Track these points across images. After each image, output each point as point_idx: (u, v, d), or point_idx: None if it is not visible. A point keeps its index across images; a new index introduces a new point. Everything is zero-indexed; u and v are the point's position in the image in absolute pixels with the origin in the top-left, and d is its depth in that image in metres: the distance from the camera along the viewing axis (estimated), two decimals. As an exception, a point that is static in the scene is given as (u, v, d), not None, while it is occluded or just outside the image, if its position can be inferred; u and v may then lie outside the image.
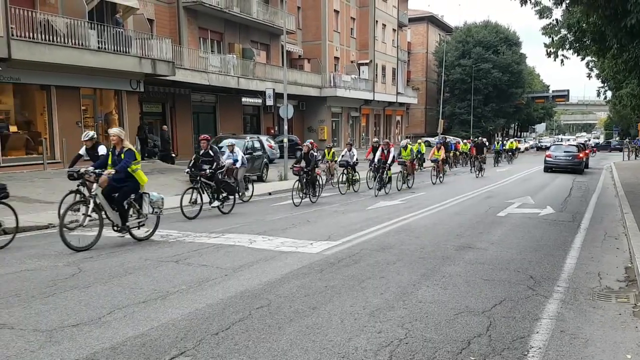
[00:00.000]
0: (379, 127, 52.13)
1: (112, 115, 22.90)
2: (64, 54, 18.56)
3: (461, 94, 58.47)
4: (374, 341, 4.72)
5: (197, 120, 29.49)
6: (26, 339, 4.65)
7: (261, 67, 32.51)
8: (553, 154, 29.25)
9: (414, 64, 62.51)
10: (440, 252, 8.49)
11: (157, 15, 26.24)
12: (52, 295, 5.94)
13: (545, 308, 5.75)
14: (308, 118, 40.94)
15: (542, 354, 4.55)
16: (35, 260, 7.66)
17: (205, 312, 5.43)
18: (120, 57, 20.86)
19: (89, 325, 5.00)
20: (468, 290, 6.32)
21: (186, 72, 25.75)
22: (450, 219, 12.08)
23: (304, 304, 5.71)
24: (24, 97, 19.75)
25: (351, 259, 7.90)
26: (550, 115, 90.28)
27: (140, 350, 4.46)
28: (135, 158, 8.95)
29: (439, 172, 22.44)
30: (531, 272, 7.28)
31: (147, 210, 9.26)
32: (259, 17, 32.18)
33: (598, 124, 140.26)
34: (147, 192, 9.36)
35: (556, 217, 12.61)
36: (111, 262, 7.57)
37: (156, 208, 9.38)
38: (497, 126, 63.88)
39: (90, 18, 20.61)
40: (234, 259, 7.79)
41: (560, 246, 9.13)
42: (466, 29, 61.13)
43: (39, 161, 19.08)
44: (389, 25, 50.97)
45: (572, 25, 14.03)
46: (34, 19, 17.99)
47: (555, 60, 15.13)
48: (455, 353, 4.50)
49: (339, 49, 43.52)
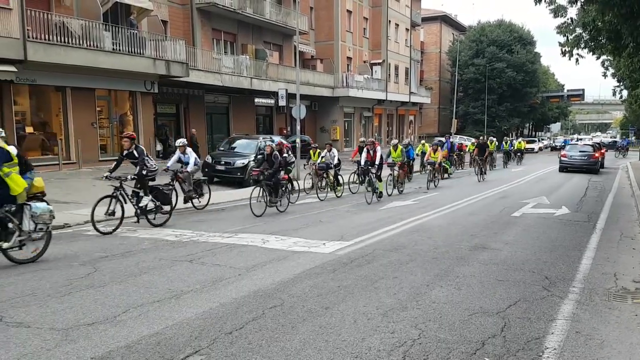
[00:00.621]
0: (391, 127, 51.97)
1: (127, 116, 23.09)
2: (79, 55, 18.74)
3: (475, 93, 58.07)
4: (387, 341, 4.71)
5: (211, 120, 29.62)
6: (42, 338, 4.71)
7: (274, 67, 32.56)
8: (568, 153, 28.98)
9: (427, 63, 62.23)
10: (454, 252, 8.45)
11: (171, 16, 26.40)
12: (67, 294, 6.00)
13: (560, 309, 5.70)
14: (320, 118, 40.93)
15: (557, 355, 4.51)
16: (51, 259, 7.75)
17: (219, 311, 5.46)
18: (134, 58, 21.02)
19: (104, 324, 5.05)
20: (482, 291, 6.28)
21: (200, 73, 25.87)
22: (464, 219, 12.01)
23: (317, 304, 5.72)
24: (40, 98, 19.97)
25: (364, 259, 7.89)
26: (565, 114, 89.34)
27: (155, 348, 4.49)
28: (10, 159, 7.21)
29: (436, 176, 20.30)
30: (546, 272, 7.22)
31: (28, 227, 7.34)
32: (271, 17, 32.24)
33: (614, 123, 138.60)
34: (29, 203, 7.46)
35: (571, 217, 12.50)
36: (126, 262, 7.64)
37: (41, 223, 7.48)
38: (512, 126, 63.35)
39: (105, 20, 20.77)
40: (247, 259, 7.82)
41: (575, 246, 9.05)
42: (480, 28, 60.70)
43: (55, 162, 19.28)
44: (402, 24, 50.80)
45: (588, 24, 13.88)
46: (49, 20, 18.19)
47: (570, 59, 14.99)
48: (469, 354, 4.48)
49: (351, 49, 43.45)
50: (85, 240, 9.35)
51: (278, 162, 13.05)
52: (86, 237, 9.63)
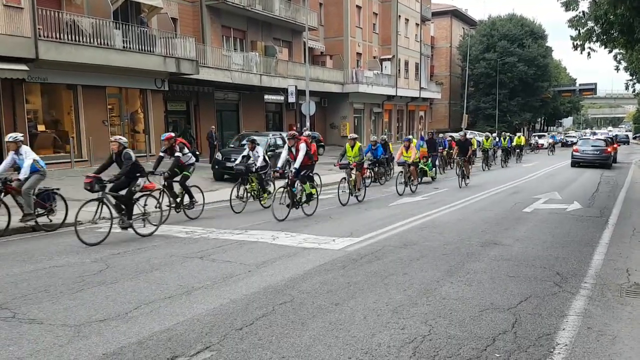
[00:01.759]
0: (401, 122, 51.81)
1: (137, 114, 23.23)
2: (90, 53, 18.86)
3: (486, 88, 57.68)
4: (397, 337, 4.71)
5: (221, 118, 29.69)
6: (55, 334, 4.76)
7: (283, 64, 32.57)
8: (580, 148, 28.77)
9: (437, 58, 61.90)
10: (465, 248, 8.42)
11: (181, 14, 26.47)
12: (80, 290, 6.06)
13: (571, 305, 5.67)
14: (330, 114, 40.89)
15: (568, 350, 4.49)
16: (64, 256, 7.82)
17: (229, 307, 5.48)
18: (145, 56, 21.12)
19: (116, 320, 5.09)
20: (493, 287, 6.26)
21: (209, 70, 25.94)
22: (474, 215, 11.96)
23: (327, 300, 5.72)
24: (51, 96, 20.13)
25: (374, 255, 7.89)
26: (577, 109, 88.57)
27: (166, 344, 4.53)
28: None
29: (411, 179, 16.32)
30: (558, 268, 7.18)
31: None
32: (281, 14, 32.23)
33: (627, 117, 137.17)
34: None
35: (583, 212, 12.40)
36: (137, 258, 7.69)
37: None
38: (523, 120, 62.85)
39: (115, 18, 20.88)
40: (257, 255, 7.84)
41: (587, 242, 8.98)
42: (491, 23, 60.23)
43: (67, 159, 19.43)
44: (412, 19, 50.57)
45: (599, 17, 13.73)
46: (60, 19, 18.31)
47: (582, 53, 14.83)
48: (480, 350, 4.47)
49: (361, 45, 43.34)
50: (97, 237, 9.40)
51: (127, 166, 9.26)
52: (98, 233, 9.69)
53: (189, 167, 11.76)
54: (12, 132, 11.47)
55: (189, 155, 11.74)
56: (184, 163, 11.62)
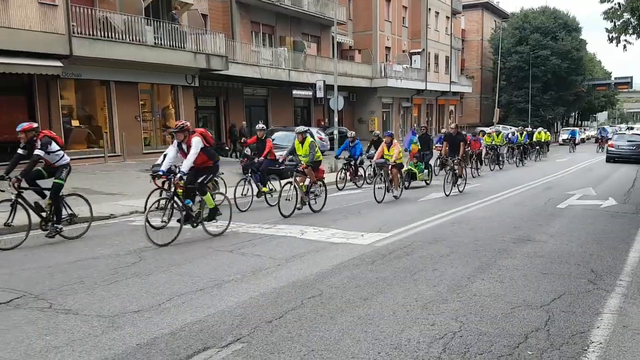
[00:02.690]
0: (431, 117, 51.31)
1: (169, 110, 23.55)
2: (122, 50, 19.19)
3: (518, 81, 56.63)
4: (427, 333, 4.68)
5: (250, 113, 29.89)
6: (90, 324, 4.87)
7: (312, 59, 32.57)
8: (616, 143, 28.12)
9: (468, 51, 61.06)
10: (497, 244, 8.31)
11: (211, 10, 26.70)
12: (114, 282, 6.19)
13: (606, 302, 5.54)
14: (358, 109, 40.74)
15: (602, 349, 4.39)
16: (98, 249, 7.99)
17: (259, 300, 5.53)
18: (176, 52, 21.38)
19: (149, 312, 5.19)
20: (526, 284, 6.16)
21: (239, 66, 26.12)
22: (507, 211, 11.79)
23: (355, 295, 5.72)
24: (85, 92, 20.56)
25: (403, 250, 7.84)
26: (612, 103, 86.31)
27: (198, 335, 4.59)
28: None
29: (392, 183, 13.55)
30: (592, 265, 7.03)
31: None
32: (310, 9, 32.23)
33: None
34: None
35: (619, 209, 12.10)
36: (170, 251, 7.81)
37: None
38: (557, 115, 61.57)
39: (146, 14, 21.19)
40: (286, 250, 7.89)
41: (623, 239, 8.76)
42: (523, 15, 59.09)
43: (100, 154, 19.84)
44: (442, 12, 49.97)
45: (636, 9, 13.35)
46: (93, 16, 18.66)
47: (617, 45, 14.49)
48: (511, 347, 4.41)
49: (390, 39, 43.03)
50: (130, 230, 9.60)
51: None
52: (131, 227, 9.88)
53: (60, 170, 8.56)
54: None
55: (60, 153, 8.62)
56: (53, 165, 8.56)
